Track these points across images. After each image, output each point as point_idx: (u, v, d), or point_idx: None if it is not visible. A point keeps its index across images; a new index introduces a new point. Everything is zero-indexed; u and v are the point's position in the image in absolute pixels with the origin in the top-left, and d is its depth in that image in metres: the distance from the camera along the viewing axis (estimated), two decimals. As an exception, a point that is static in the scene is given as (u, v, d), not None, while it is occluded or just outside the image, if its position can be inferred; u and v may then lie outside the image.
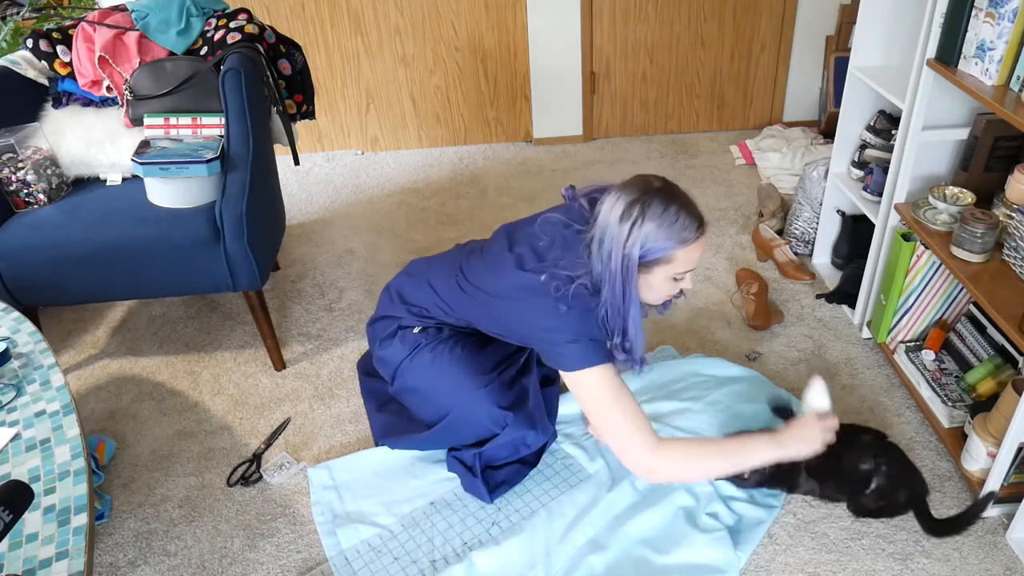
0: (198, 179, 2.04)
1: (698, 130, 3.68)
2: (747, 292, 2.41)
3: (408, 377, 1.82)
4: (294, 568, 1.70)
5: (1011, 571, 1.61)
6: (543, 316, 1.54)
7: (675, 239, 1.47)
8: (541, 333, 1.57)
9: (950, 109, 1.94)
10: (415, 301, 1.83)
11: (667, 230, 1.46)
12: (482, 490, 1.78)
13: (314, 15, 3.28)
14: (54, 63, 2.25)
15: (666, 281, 1.54)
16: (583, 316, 1.53)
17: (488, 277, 1.66)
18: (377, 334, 1.88)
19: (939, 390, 1.91)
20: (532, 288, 1.55)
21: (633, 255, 1.47)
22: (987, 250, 1.74)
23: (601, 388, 1.53)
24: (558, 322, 1.53)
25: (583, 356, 1.52)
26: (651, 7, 3.34)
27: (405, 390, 1.86)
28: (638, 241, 1.46)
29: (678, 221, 1.47)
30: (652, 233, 1.46)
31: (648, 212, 1.46)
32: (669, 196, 1.48)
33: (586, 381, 1.54)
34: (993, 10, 1.62)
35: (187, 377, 2.27)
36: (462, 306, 1.74)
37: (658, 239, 1.46)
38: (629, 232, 1.46)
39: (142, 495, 1.90)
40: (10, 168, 2.08)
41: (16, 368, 1.54)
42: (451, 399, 1.76)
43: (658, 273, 1.52)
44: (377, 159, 3.55)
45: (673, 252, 1.49)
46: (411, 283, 1.85)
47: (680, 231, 1.48)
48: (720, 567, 1.60)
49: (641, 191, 1.48)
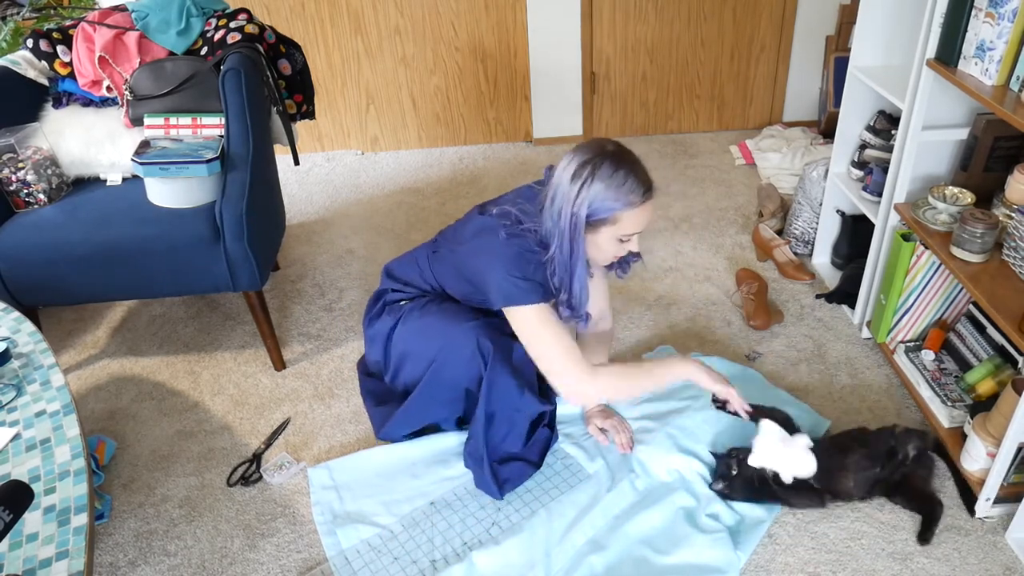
0: (198, 179, 2.04)
1: (698, 130, 3.68)
2: (747, 292, 2.41)
3: (398, 343, 1.84)
4: (294, 568, 1.70)
5: (1011, 571, 1.61)
6: (489, 251, 1.63)
7: (622, 201, 1.55)
8: (485, 268, 1.64)
9: (950, 109, 1.94)
10: (400, 275, 1.92)
11: (615, 191, 1.54)
12: (492, 486, 1.79)
13: (314, 15, 3.28)
14: (54, 63, 2.25)
15: (612, 242, 1.61)
16: (522, 255, 1.61)
17: (455, 231, 1.79)
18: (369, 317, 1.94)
19: (939, 390, 1.91)
20: (486, 227, 1.66)
21: (580, 214, 1.55)
22: (987, 250, 1.74)
23: (535, 323, 1.62)
24: (500, 257, 1.61)
25: (517, 293, 1.60)
26: (651, 7, 3.34)
27: (398, 359, 1.87)
28: (586, 200, 1.54)
29: (626, 184, 1.54)
30: (600, 194, 1.53)
31: (598, 173, 1.53)
32: (619, 159, 1.56)
33: (521, 317, 1.63)
34: (993, 10, 1.62)
35: (187, 377, 2.27)
36: (438, 270, 1.83)
37: (605, 200, 1.54)
38: (578, 191, 1.54)
39: (142, 495, 1.90)
40: (10, 168, 2.08)
41: (16, 368, 1.54)
42: (437, 338, 1.77)
43: (604, 233, 1.59)
44: (377, 159, 3.55)
45: (619, 213, 1.56)
46: (399, 262, 1.96)
47: (627, 194, 1.55)
48: (720, 567, 1.60)
49: (594, 153, 1.56)
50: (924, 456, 1.75)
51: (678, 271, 2.64)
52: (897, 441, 1.74)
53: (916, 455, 1.73)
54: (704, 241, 2.81)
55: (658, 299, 2.51)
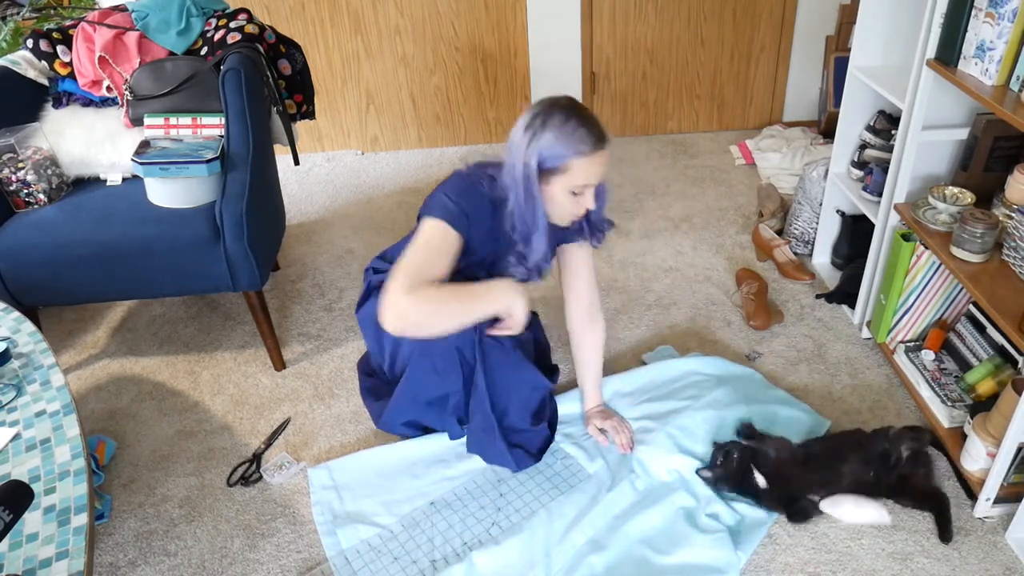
0: (198, 179, 2.04)
1: (698, 130, 3.68)
2: (747, 292, 2.41)
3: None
4: (294, 568, 1.70)
5: (1011, 571, 1.61)
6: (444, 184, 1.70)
7: (572, 149, 1.55)
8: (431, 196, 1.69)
9: (950, 109, 1.94)
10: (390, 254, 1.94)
11: (565, 139, 1.55)
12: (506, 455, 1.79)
13: (314, 15, 3.28)
14: (54, 63, 2.25)
15: (565, 195, 1.62)
16: (467, 185, 1.66)
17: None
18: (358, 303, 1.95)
19: (939, 390, 1.91)
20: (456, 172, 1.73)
21: (532, 163, 1.57)
22: (987, 250, 1.74)
23: (426, 235, 1.62)
24: (447, 184, 1.68)
25: (438, 207, 1.64)
26: (651, 7, 3.34)
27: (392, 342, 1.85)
28: (537, 149, 1.56)
29: (576, 133, 1.55)
30: (550, 142, 1.55)
31: (548, 122, 1.55)
32: (571, 110, 1.57)
33: (423, 226, 1.64)
34: (993, 10, 1.62)
35: (187, 377, 2.27)
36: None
37: (555, 148, 1.55)
38: (530, 141, 1.56)
39: (142, 495, 1.90)
40: (10, 168, 2.08)
41: (16, 368, 1.54)
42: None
43: (556, 184, 1.60)
44: (377, 159, 3.55)
45: (569, 161, 1.56)
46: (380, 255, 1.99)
47: (577, 142, 1.55)
48: (720, 567, 1.60)
49: (546, 105, 1.59)
50: (920, 455, 1.75)
51: (678, 271, 2.64)
52: (891, 443, 1.74)
53: (911, 455, 1.73)
54: (704, 241, 2.81)
55: (658, 299, 2.51)
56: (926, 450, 1.78)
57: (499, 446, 1.80)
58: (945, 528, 1.67)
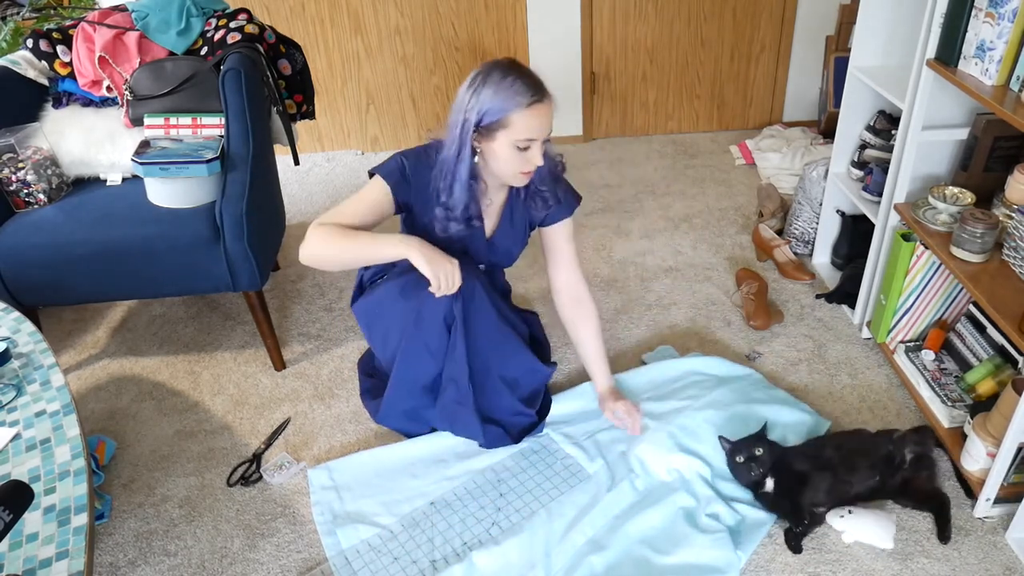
0: (198, 179, 2.04)
1: (698, 130, 3.68)
2: (747, 292, 2.41)
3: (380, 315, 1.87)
4: (294, 568, 1.70)
5: (1011, 571, 1.61)
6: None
7: (511, 102, 1.60)
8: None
9: (950, 109, 1.94)
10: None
11: (504, 93, 1.60)
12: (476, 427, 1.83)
13: (314, 15, 3.28)
14: (54, 63, 2.25)
15: (510, 149, 1.65)
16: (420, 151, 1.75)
17: None
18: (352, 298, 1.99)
19: (939, 390, 1.91)
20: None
21: (471, 118, 1.62)
22: (987, 250, 1.74)
23: (365, 190, 1.73)
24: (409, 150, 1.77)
25: (384, 166, 1.74)
26: (651, 7, 3.34)
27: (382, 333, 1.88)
28: (476, 104, 1.61)
29: (514, 86, 1.60)
30: (489, 97, 1.60)
31: (488, 79, 1.61)
32: (510, 66, 1.63)
33: (370, 183, 1.74)
34: (993, 10, 1.62)
35: (187, 377, 2.27)
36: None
37: (495, 102, 1.60)
38: (470, 98, 1.62)
39: (142, 495, 1.90)
40: (10, 168, 2.08)
41: (16, 368, 1.54)
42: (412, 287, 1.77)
43: (500, 140, 1.64)
44: (377, 159, 3.55)
45: (509, 115, 1.60)
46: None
47: (515, 95, 1.60)
48: (720, 567, 1.60)
49: (488, 64, 1.64)
50: (924, 458, 1.74)
51: (678, 271, 2.64)
52: (895, 446, 1.73)
53: (914, 457, 1.73)
54: (704, 241, 2.81)
55: (658, 299, 2.51)
56: (930, 453, 1.77)
57: (469, 418, 1.80)
58: (944, 528, 1.67)
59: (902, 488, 1.72)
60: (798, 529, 1.67)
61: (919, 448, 1.74)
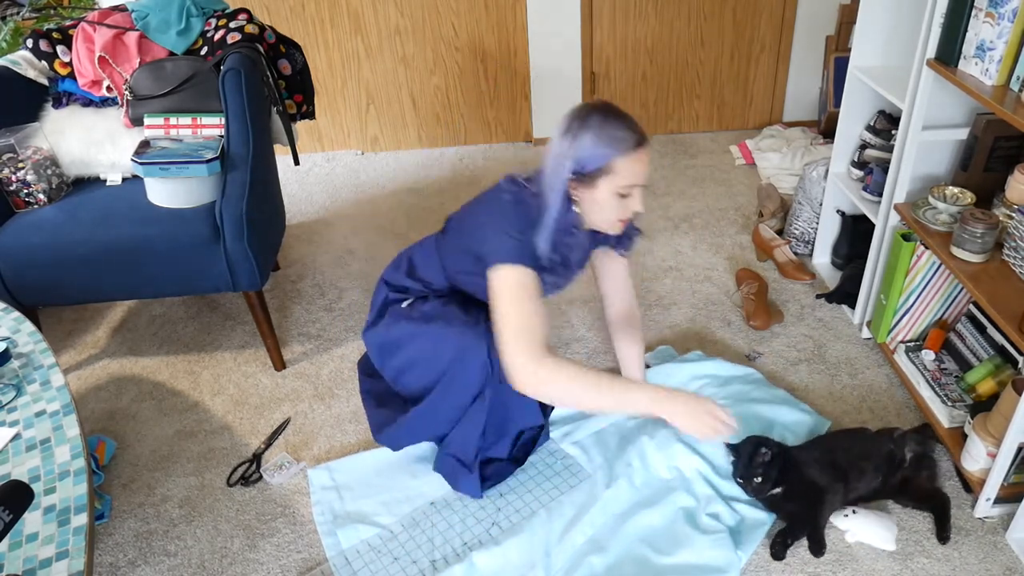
0: (198, 179, 2.04)
1: (698, 130, 3.68)
2: (747, 292, 2.41)
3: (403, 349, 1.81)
4: (294, 568, 1.70)
5: (1011, 571, 1.61)
6: (491, 208, 1.63)
7: (613, 147, 1.53)
8: (481, 225, 1.63)
9: (950, 109, 1.94)
10: (396, 281, 1.89)
11: (606, 139, 1.52)
12: (475, 484, 1.78)
13: (314, 15, 3.28)
14: (54, 63, 2.25)
15: (613, 197, 1.58)
16: (519, 212, 1.59)
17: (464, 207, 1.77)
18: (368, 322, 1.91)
19: (939, 390, 1.91)
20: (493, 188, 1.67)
21: (573, 166, 1.54)
22: (987, 250, 1.74)
23: (511, 285, 1.56)
24: (500, 213, 1.61)
25: (507, 251, 1.57)
26: (651, 7, 3.34)
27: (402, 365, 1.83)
28: (577, 151, 1.53)
29: (616, 131, 1.53)
30: (591, 142, 1.52)
31: (587, 124, 1.53)
32: (608, 110, 1.56)
33: (501, 277, 1.57)
34: (993, 10, 1.62)
35: (187, 377, 2.27)
36: (445, 251, 1.80)
37: (596, 147, 1.52)
38: (570, 144, 1.53)
39: (142, 495, 1.90)
40: (10, 168, 2.08)
41: (16, 368, 1.54)
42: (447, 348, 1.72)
43: (602, 187, 1.57)
44: (377, 159, 3.55)
45: (612, 161, 1.53)
46: (392, 267, 1.92)
47: (619, 141, 1.53)
48: (721, 567, 1.60)
49: (583, 108, 1.57)
50: (925, 457, 1.75)
51: (678, 271, 2.64)
52: (895, 445, 1.73)
53: (915, 456, 1.73)
54: (704, 241, 2.81)
55: (658, 299, 2.51)
56: (931, 452, 1.77)
57: (473, 478, 1.79)
58: (943, 527, 1.67)
59: (902, 487, 1.72)
60: (796, 538, 1.66)
61: (920, 448, 1.74)
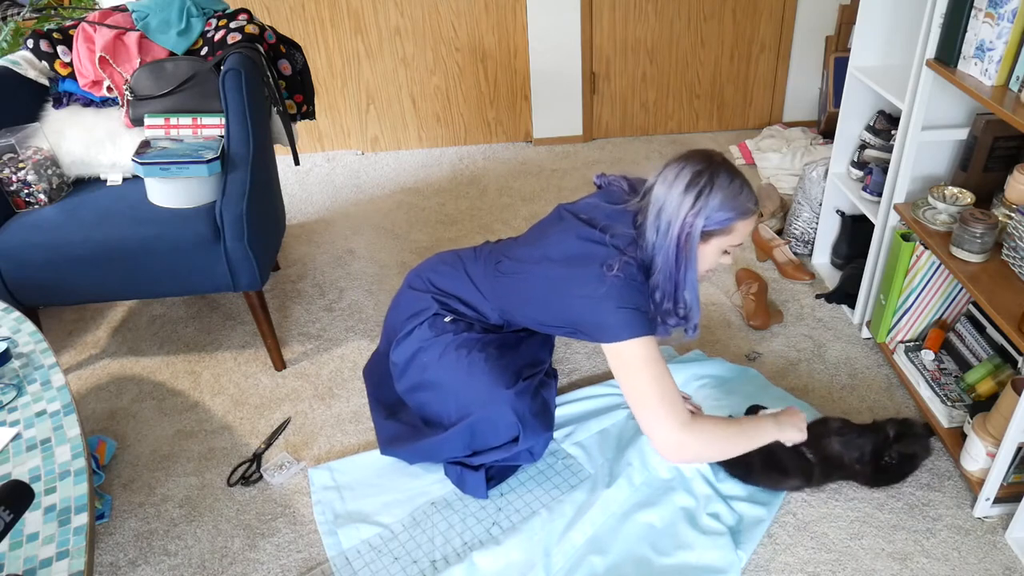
0: (198, 179, 2.04)
1: (698, 130, 3.68)
2: (747, 292, 2.41)
3: (432, 370, 1.80)
4: (294, 568, 1.70)
5: (1011, 571, 1.61)
6: (591, 284, 1.56)
7: (739, 210, 1.54)
8: (586, 302, 1.57)
9: (949, 109, 1.94)
10: (448, 289, 1.85)
11: (733, 201, 1.52)
12: (481, 484, 1.78)
13: (314, 15, 3.28)
14: (54, 63, 2.25)
15: (717, 253, 1.61)
16: (630, 285, 1.55)
17: (535, 249, 1.71)
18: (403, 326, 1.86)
19: (938, 390, 1.91)
20: (581, 256, 1.60)
21: (698, 223, 1.52)
22: (986, 250, 1.74)
23: (642, 359, 1.55)
24: (606, 289, 1.54)
25: (629, 325, 1.54)
26: (651, 7, 3.34)
27: (426, 384, 1.83)
28: (704, 210, 1.51)
29: (743, 193, 1.54)
30: (719, 203, 1.52)
31: (717, 182, 1.51)
32: (732, 169, 1.56)
33: (629, 351, 1.55)
34: (992, 10, 1.62)
35: (187, 377, 2.27)
36: (499, 291, 1.77)
37: (723, 209, 1.52)
38: (695, 201, 1.51)
39: (142, 495, 1.90)
40: (11, 168, 2.08)
41: (17, 368, 1.54)
42: (476, 396, 1.73)
43: (714, 244, 1.58)
44: (377, 159, 3.55)
45: (735, 223, 1.55)
46: (445, 272, 1.88)
47: (744, 202, 1.54)
48: (721, 567, 1.60)
49: (707, 163, 1.54)
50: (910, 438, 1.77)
51: (678, 271, 2.64)
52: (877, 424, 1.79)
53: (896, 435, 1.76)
54: (704, 241, 2.81)
55: (658, 299, 2.51)
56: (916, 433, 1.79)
57: (480, 479, 1.79)
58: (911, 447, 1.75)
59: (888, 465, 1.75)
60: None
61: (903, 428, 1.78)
